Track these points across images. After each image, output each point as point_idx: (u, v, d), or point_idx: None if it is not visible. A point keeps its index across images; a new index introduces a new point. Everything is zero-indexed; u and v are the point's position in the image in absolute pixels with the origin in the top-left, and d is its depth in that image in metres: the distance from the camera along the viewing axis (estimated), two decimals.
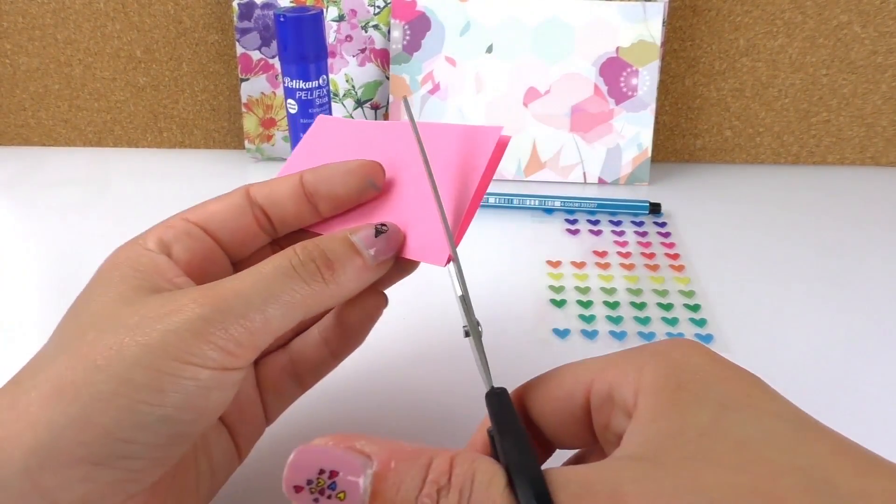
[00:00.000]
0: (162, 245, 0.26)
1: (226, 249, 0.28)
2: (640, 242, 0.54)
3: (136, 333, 0.22)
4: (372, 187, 0.29)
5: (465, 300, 0.25)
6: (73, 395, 0.21)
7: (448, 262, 0.27)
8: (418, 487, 0.18)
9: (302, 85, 0.54)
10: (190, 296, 0.23)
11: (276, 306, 0.24)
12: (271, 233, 0.29)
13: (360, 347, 0.30)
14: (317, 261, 0.25)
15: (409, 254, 0.28)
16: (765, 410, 0.19)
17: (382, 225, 0.27)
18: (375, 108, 0.64)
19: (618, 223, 0.56)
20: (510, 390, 0.24)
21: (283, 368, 0.30)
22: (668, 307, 0.46)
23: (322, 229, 0.30)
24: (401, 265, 0.29)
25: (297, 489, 0.19)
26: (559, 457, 0.26)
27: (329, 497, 0.18)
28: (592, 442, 0.24)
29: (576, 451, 0.27)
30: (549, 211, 0.58)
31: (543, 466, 0.19)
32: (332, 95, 0.62)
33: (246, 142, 0.65)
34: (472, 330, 0.25)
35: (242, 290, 0.23)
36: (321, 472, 0.19)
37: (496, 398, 0.22)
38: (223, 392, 0.23)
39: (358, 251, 0.26)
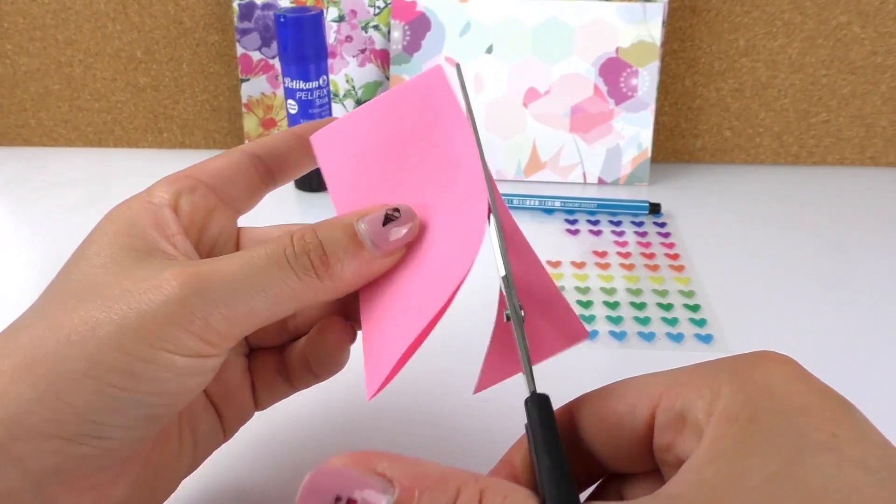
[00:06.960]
0: (166, 197, 0.25)
1: (231, 205, 0.28)
2: (639, 242, 0.54)
3: (112, 310, 0.21)
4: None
5: (507, 280, 0.22)
6: (44, 369, 0.21)
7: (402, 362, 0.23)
8: None
9: (302, 85, 0.54)
10: (173, 271, 0.22)
11: (263, 298, 0.22)
12: (272, 185, 0.29)
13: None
14: (311, 254, 0.23)
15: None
16: (848, 456, 0.17)
17: (395, 210, 0.24)
18: None
19: (618, 223, 0.56)
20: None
21: (276, 367, 0.29)
22: (668, 307, 0.46)
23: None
24: None
25: None
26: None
27: None
28: (649, 466, 0.22)
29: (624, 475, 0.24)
30: (549, 211, 0.58)
31: (586, 497, 0.18)
32: (332, 96, 0.62)
33: (246, 142, 0.65)
34: (514, 315, 0.22)
35: (229, 276, 0.22)
36: (338, 499, 0.17)
37: (536, 408, 0.20)
38: (199, 377, 0.23)
39: (360, 242, 0.23)
